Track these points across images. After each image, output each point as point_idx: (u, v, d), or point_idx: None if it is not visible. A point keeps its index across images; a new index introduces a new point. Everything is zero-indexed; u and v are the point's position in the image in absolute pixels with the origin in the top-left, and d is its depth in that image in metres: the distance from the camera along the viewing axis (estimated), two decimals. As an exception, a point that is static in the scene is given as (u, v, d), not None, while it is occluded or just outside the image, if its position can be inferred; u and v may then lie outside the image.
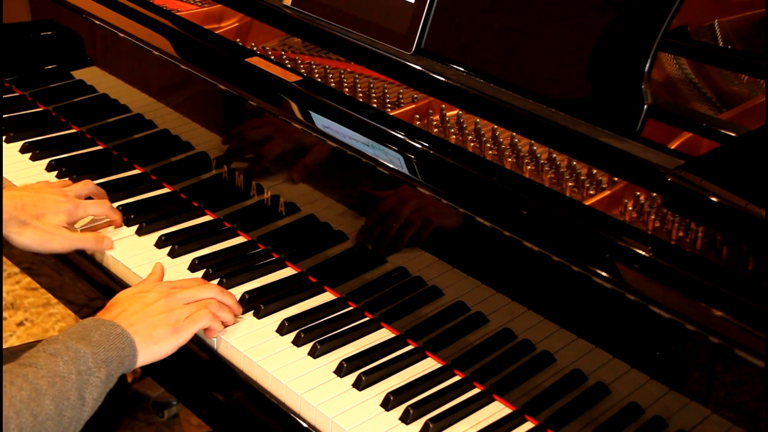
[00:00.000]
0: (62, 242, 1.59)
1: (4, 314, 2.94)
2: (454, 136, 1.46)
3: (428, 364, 1.42)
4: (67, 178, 1.81)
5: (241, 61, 1.65)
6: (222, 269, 1.58)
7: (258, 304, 1.49)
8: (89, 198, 1.69)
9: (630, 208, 1.27)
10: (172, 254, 1.62)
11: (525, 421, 1.33)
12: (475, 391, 1.38)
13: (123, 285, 1.59)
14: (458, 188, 1.37)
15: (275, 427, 1.37)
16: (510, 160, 1.40)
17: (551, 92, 1.39)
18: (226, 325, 1.45)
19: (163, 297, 1.41)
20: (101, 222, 1.69)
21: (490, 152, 1.42)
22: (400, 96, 1.55)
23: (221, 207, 1.72)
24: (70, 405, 1.22)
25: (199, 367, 1.46)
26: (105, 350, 1.29)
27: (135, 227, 1.68)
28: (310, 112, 1.56)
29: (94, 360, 1.27)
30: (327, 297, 1.55)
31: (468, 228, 1.35)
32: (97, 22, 1.87)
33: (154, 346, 1.35)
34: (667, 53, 1.52)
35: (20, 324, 2.93)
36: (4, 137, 1.93)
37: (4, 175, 1.82)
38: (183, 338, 1.39)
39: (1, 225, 1.52)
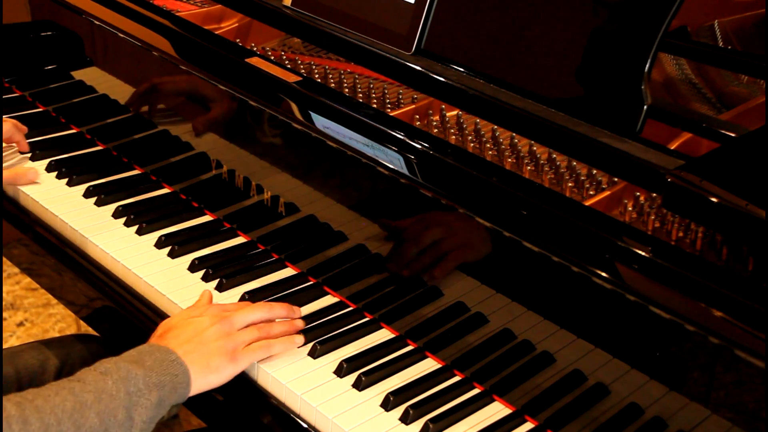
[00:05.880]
0: None
1: (4, 314, 2.94)
2: (454, 137, 1.46)
3: (428, 365, 1.42)
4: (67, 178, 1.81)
5: (241, 62, 1.65)
6: (222, 269, 1.58)
7: (258, 304, 1.49)
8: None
9: (630, 209, 1.27)
10: (172, 254, 1.62)
11: (525, 421, 1.33)
12: (475, 391, 1.38)
13: (123, 285, 1.59)
14: (458, 188, 1.37)
15: (275, 428, 1.37)
16: (510, 160, 1.40)
17: (551, 92, 1.39)
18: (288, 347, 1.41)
19: (218, 321, 1.37)
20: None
21: (490, 152, 1.42)
22: (400, 96, 1.55)
23: (221, 207, 1.72)
24: (117, 423, 1.20)
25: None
26: (158, 374, 1.26)
27: (135, 227, 1.68)
28: (310, 113, 1.56)
29: (145, 383, 1.24)
30: (327, 297, 1.55)
31: (468, 228, 1.35)
32: (97, 22, 1.87)
33: (211, 375, 1.32)
34: (667, 53, 1.52)
35: (20, 324, 2.93)
36: (4, 137, 1.93)
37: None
38: (240, 367, 1.35)
39: (1, 227, 1.52)
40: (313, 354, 1.42)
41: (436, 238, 1.39)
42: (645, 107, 1.30)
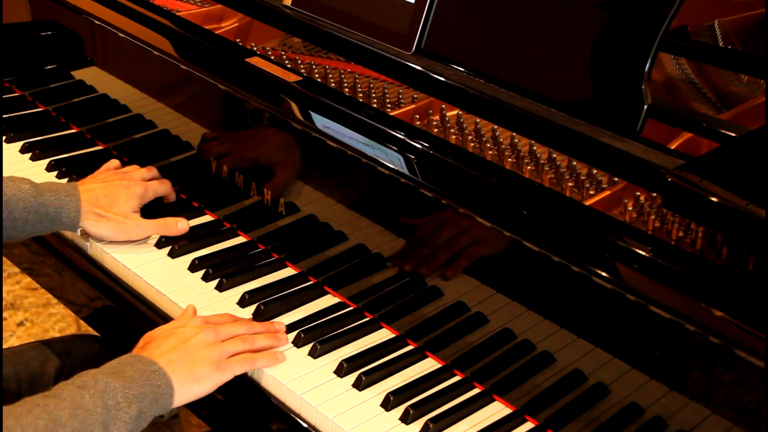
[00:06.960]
0: (137, 231, 1.63)
1: (4, 314, 2.94)
2: (454, 136, 1.46)
3: (428, 364, 1.42)
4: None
5: (241, 61, 1.65)
6: (222, 269, 1.58)
7: (258, 304, 1.49)
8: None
9: (630, 208, 1.27)
10: (172, 254, 1.62)
11: (525, 421, 1.33)
12: (475, 391, 1.38)
13: (123, 285, 1.59)
14: (458, 188, 1.37)
15: (275, 428, 1.37)
16: (510, 160, 1.40)
17: (551, 92, 1.39)
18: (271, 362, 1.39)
19: (202, 331, 1.36)
20: None
21: (490, 152, 1.42)
22: (400, 96, 1.55)
23: (221, 207, 1.72)
24: None
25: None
26: (138, 386, 1.23)
27: (135, 227, 1.68)
28: (310, 112, 1.56)
29: (124, 395, 1.21)
30: (327, 297, 1.55)
31: (468, 228, 1.35)
32: (97, 22, 1.87)
33: (195, 385, 1.30)
34: (667, 53, 1.52)
35: (20, 324, 2.93)
36: (4, 137, 1.93)
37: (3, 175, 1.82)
38: (225, 377, 1.34)
39: (1, 221, 1.52)
40: (313, 354, 1.42)
41: (449, 237, 1.39)
42: (645, 107, 1.30)
